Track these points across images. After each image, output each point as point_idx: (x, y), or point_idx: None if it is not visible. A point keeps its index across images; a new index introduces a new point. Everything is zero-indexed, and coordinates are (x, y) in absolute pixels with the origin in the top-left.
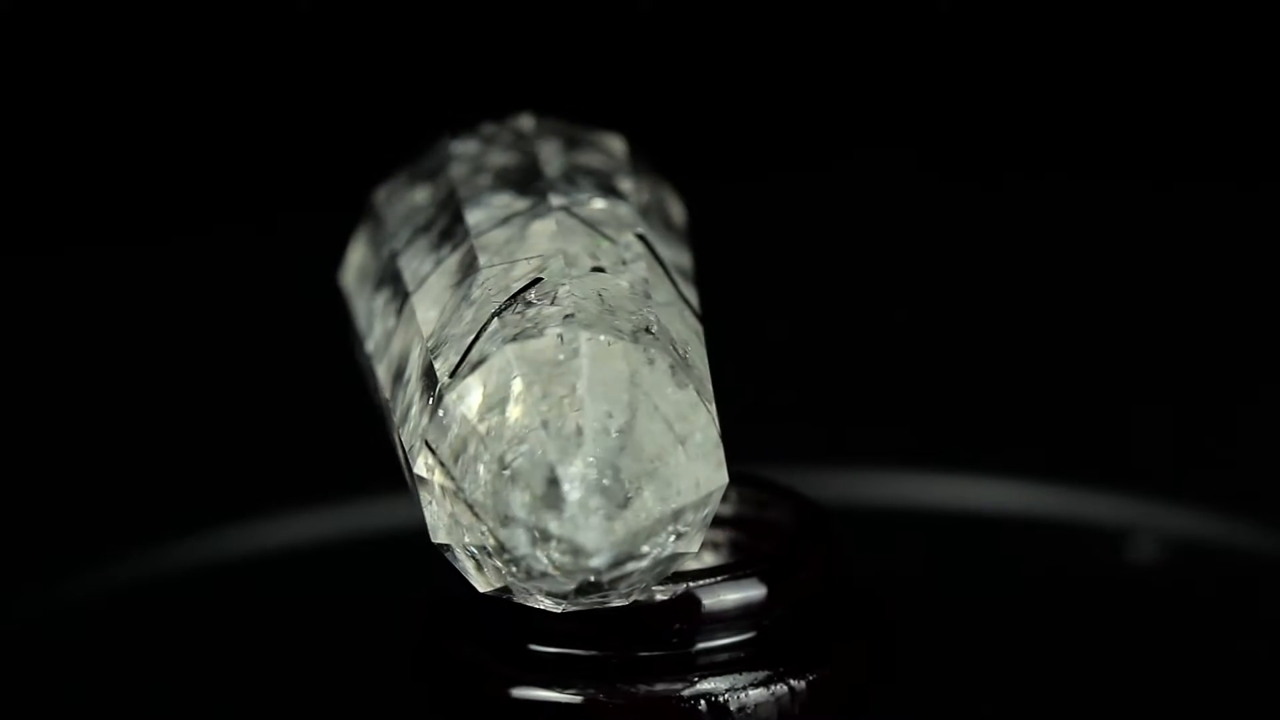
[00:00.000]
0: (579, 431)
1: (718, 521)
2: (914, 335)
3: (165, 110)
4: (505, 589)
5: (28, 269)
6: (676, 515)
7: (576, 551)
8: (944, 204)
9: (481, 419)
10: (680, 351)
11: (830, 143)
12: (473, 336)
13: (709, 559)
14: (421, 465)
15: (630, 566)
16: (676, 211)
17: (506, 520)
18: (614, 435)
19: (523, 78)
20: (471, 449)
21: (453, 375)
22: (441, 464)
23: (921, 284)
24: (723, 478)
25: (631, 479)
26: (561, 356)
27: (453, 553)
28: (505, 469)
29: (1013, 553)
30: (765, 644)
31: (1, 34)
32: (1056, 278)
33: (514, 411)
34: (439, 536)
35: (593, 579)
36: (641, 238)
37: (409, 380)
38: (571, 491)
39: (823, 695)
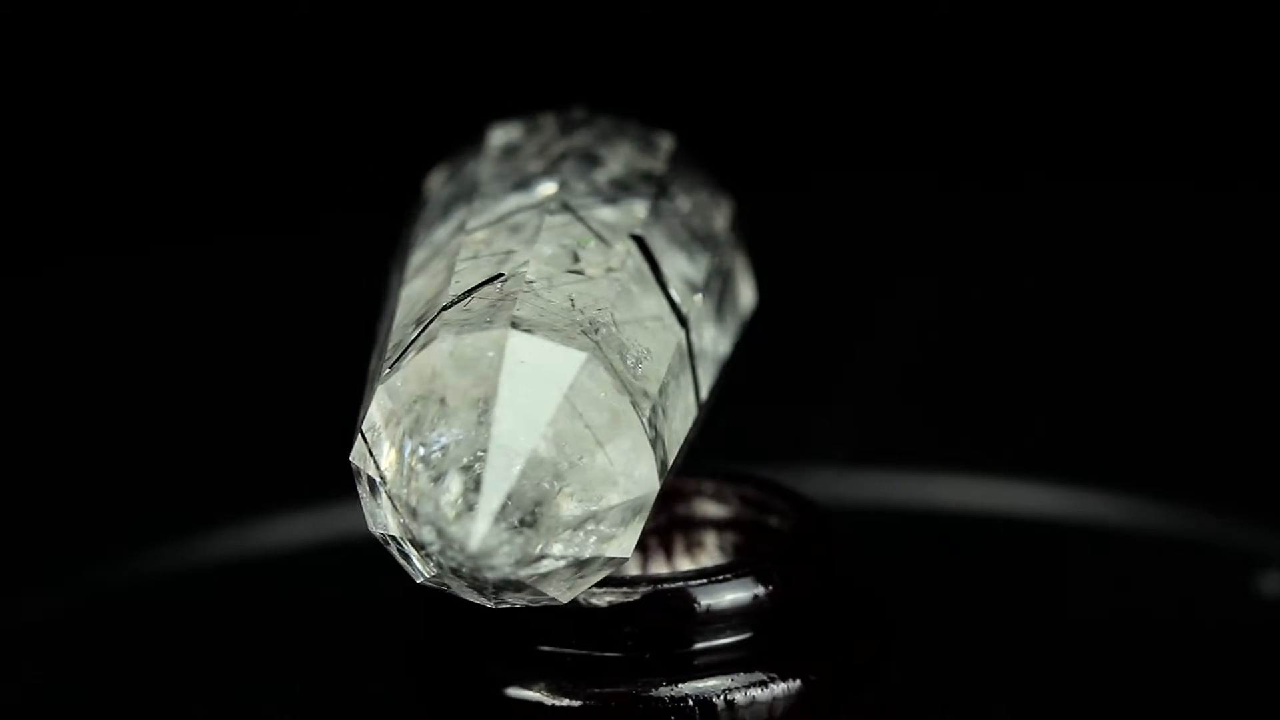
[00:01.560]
0: (491, 430)
1: (718, 522)
2: (914, 335)
3: (167, 111)
4: (441, 581)
5: (29, 275)
6: (594, 518)
7: (474, 554)
8: (944, 205)
9: (407, 411)
10: (629, 359)
11: (830, 143)
12: (420, 329)
13: (709, 559)
14: (354, 453)
15: (546, 566)
16: (722, 215)
17: (415, 515)
18: (526, 436)
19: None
20: (392, 441)
21: (392, 366)
22: (370, 452)
23: (921, 284)
24: (651, 483)
25: (543, 481)
26: (491, 354)
27: (386, 542)
28: (418, 463)
29: (1012, 553)
30: (764, 644)
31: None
32: (1055, 278)
33: (433, 407)
34: (370, 526)
35: (510, 577)
36: (640, 242)
37: (372, 370)
38: (472, 492)
39: (821, 695)
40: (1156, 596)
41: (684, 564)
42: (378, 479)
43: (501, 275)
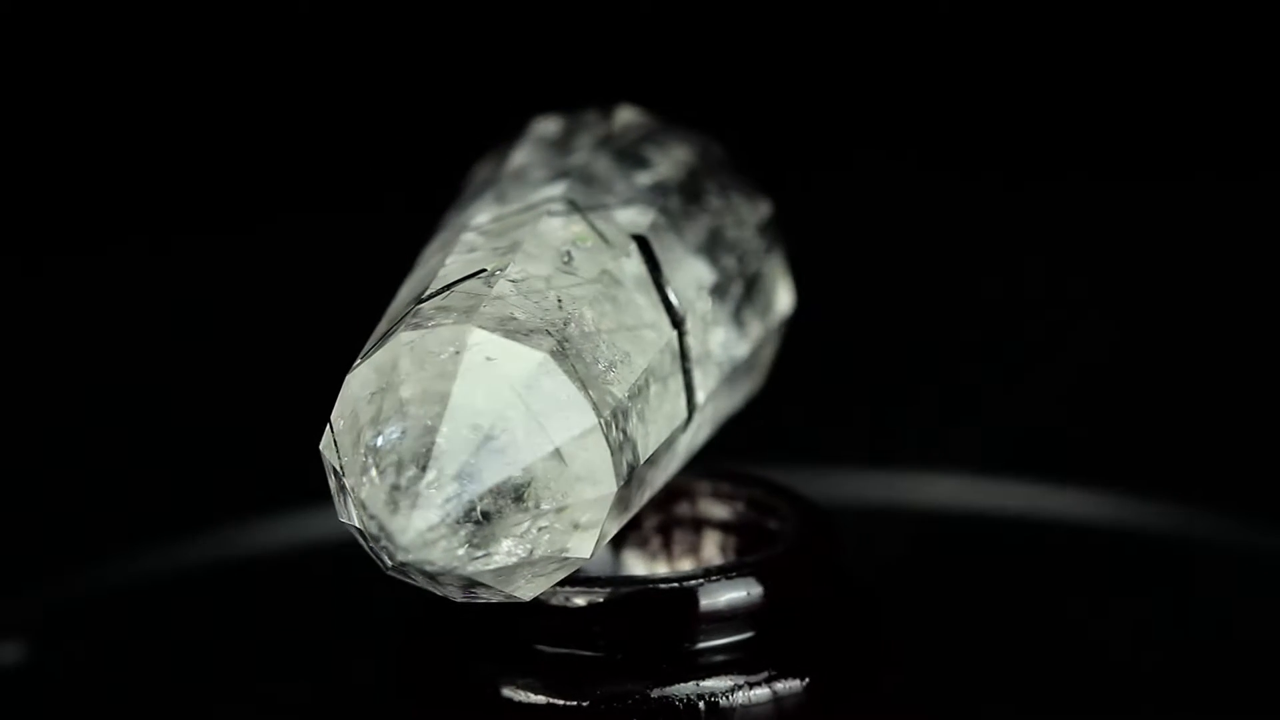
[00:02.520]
0: (440, 426)
1: (719, 522)
2: (914, 336)
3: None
4: (403, 572)
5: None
6: (546, 516)
7: (406, 548)
8: (943, 205)
9: (368, 402)
10: (600, 361)
11: (828, 144)
12: (393, 322)
13: (710, 559)
14: (323, 442)
15: (496, 562)
16: (754, 219)
17: (365, 507)
18: (475, 433)
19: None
20: (352, 431)
21: (362, 356)
22: (335, 443)
23: (920, 284)
24: (607, 484)
25: (491, 478)
26: (451, 350)
27: (353, 533)
28: (369, 455)
29: (1012, 553)
30: (764, 644)
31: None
32: (1054, 279)
33: (390, 400)
34: (339, 516)
35: (456, 572)
36: (642, 243)
37: None
38: (413, 486)
39: (821, 695)
40: (1156, 596)
41: (685, 564)
42: (339, 469)
43: (484, 271)
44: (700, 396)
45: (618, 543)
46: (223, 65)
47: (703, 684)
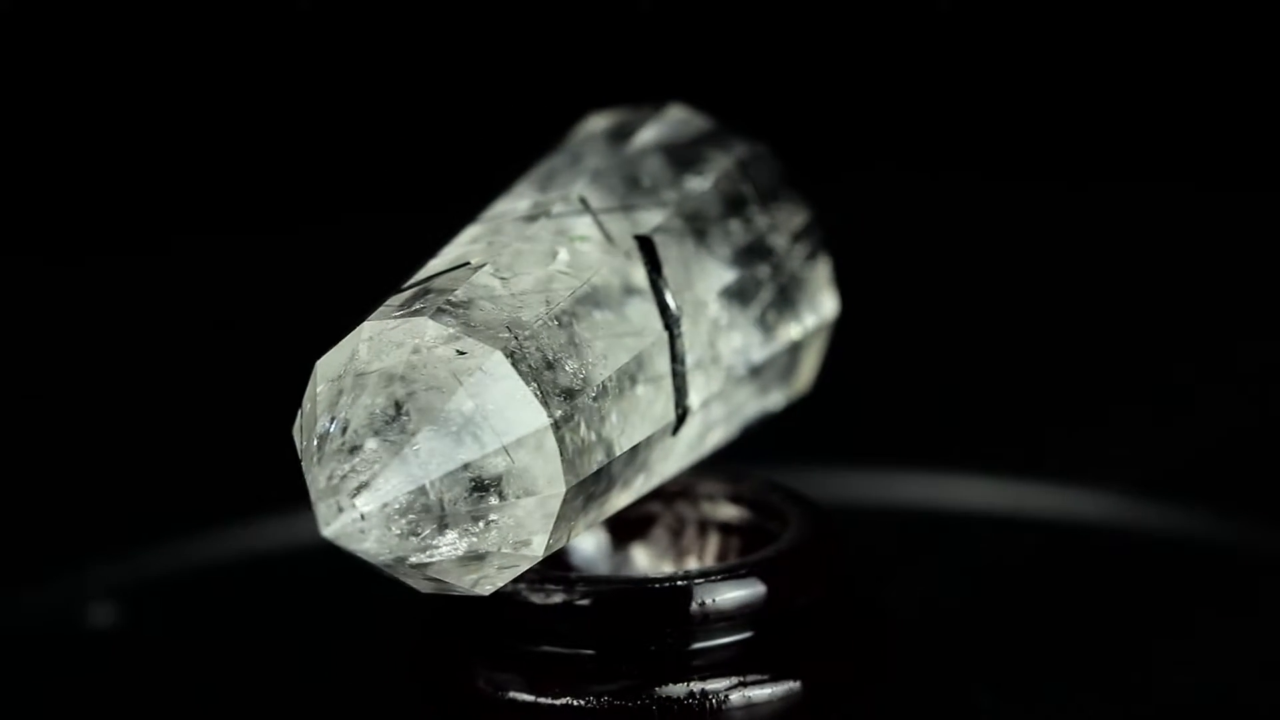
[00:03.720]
0: (381, 420)
1: (719, 522)
2: (913, 336)
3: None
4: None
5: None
6: (491, 511)
7: (329, 537)
8: (942, 206)
9: (329, 388)
10: (568, 361)
11: (828, 145)
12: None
13: (711, 559)
14: (295, 425)
15: (441, 554)
16: (791, 225)
17: (311, 494)
18: (415, 427)
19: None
20: (309, 419)
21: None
22: (300, 428)
23: (920, 285)
24: (556, 484)
25: (432, 471)
26: (407, 342)
27: None
28: (316, 441)
29: (1012, 552)
30: (764, 644)
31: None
32: (1053, 280)
33: (345, 387)
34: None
35: (390, 562)
36: (646, 245)
37: None
38: (347, 476)
39: (821, 695)
40: (1156, 596)
41: (684, 564)
42: (299, 453)
43: (468, 264)
44: (694, 399)
45: (620, 542)
46: (221, 65)
47: (702, 684)
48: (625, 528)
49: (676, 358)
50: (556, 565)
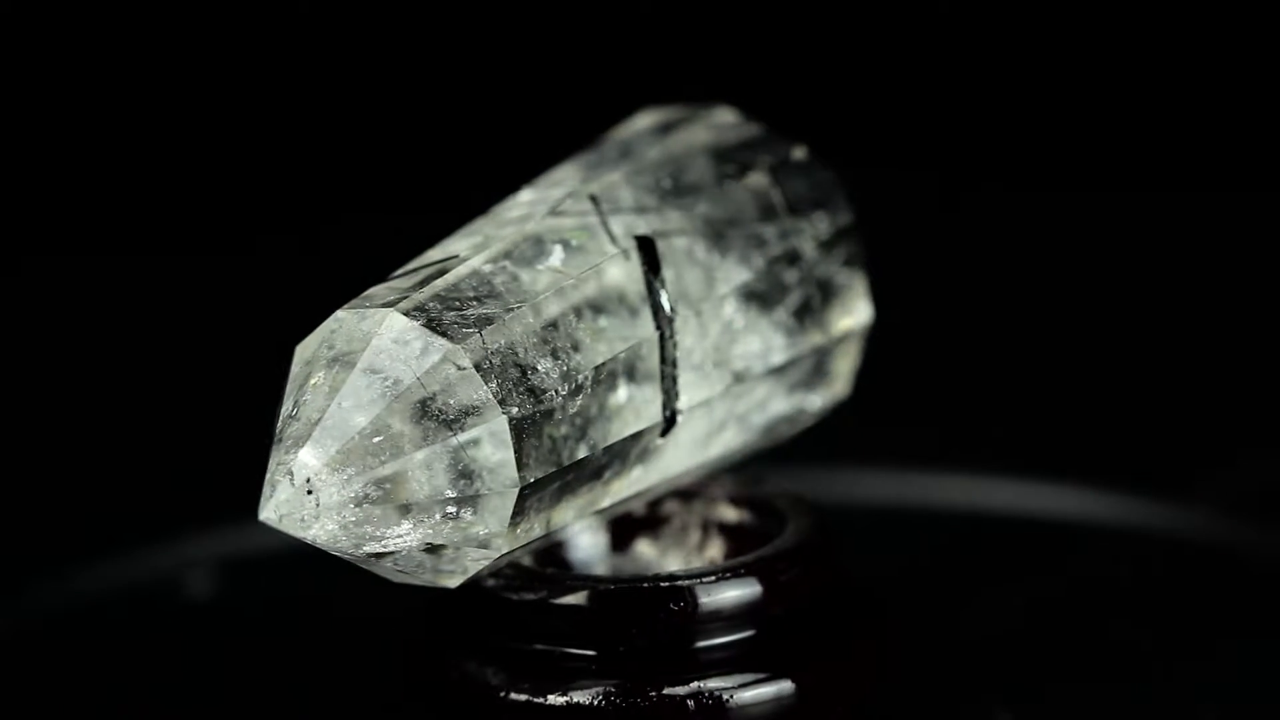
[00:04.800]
0: (329, 410)
1: (719, 522)
2: (914, 336)
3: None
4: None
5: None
6: (442, 504)
7: (263, 522)
8: (942, 207)
9: (300, 371)
10: (540, 360)
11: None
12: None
13: (711, 558)
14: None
15: (390, 546)
16: (827, 231)
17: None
18: (363, 416)
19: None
20: (283, 400)
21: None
22: (279, 411)
23: (920, 286)
24: (508, 477)
25: (379, 462)
26: (370, 332)
27: None
28: (279, 424)
29: (1012, 552)
30: (764, 643)
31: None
32: (1054, 281)
33: (311, 372)
34: None
35: (337, 551)
36: (646, 245)
37: None
38: (292, 466)
39: (820, 694)
40: (1156, 596)
41: (686, 564)
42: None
43: (456, 256)
44: (684, 400)
45: (620, 542)
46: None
47: (701, 683)
48: (625, 528)
49: (666, 359)
50: (556, 565)
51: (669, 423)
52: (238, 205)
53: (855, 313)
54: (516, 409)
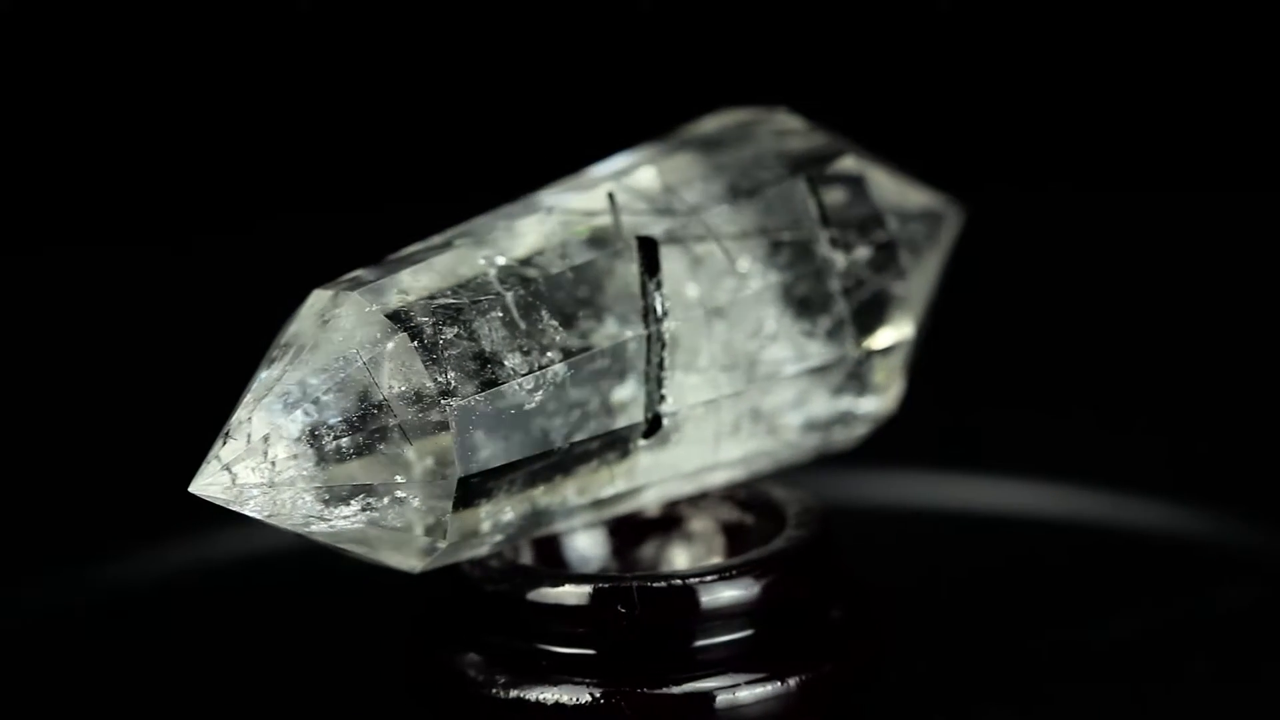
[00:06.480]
0: (272, 390)
1: (720, 521)
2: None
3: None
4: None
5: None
6: (385, 488)
7: (201, 492)
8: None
9: (279, 346)
10: (513, 355)
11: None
12: None
13: (710, 558)
14: None
15: (338, 525)
16: (879, 238)
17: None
18: (301, 399)
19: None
20: None
21: None
22: None
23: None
24: (450, 468)
25: (324, 443)
26: (336, 312)
27: None
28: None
29: (1013, 553)
30: (762, 642)
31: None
32: (1054, 281)
33: (286, 349)
34: None
35: (289, 527)
36: (645, 246)
37: None
38: (229, 437)
39: (819, 694)
40: (1157, 596)
41: (684, 562)
42: None
43: (451, 245)
44: (671, 403)
45: (620, 542)
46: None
47: (700, 683)
48: (627, 527)
49: (651, 360)
50: (556, 563)
51: (652, 425)
52: (239, 193)
53: (898, 326)
54: (472, 400)
